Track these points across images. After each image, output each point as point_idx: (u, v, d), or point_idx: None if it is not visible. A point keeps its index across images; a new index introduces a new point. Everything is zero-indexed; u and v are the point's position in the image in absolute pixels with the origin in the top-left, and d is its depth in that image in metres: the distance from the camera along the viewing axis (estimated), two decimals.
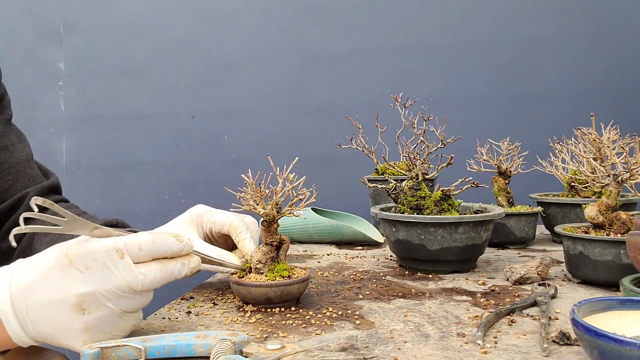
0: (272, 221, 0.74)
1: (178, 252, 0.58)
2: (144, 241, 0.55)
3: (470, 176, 0.94)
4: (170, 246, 0.57)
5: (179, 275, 0.58)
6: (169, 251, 0.57)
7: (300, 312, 0.70)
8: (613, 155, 0.82)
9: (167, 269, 0.56)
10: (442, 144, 0.96)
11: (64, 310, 0.52)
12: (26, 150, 0.96)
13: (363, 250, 1.17)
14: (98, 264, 0.53)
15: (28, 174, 0.94)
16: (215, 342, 0.53)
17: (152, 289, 0.56)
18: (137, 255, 0.54)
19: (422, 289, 0.82)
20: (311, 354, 0.54)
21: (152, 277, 0.55)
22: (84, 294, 0.52)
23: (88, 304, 0.52)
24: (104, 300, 0.53)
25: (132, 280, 0.53)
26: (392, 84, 1.81)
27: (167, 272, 0.56)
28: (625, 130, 0.97)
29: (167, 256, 0.57)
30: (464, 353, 0.55)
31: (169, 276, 0.57)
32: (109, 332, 0.54)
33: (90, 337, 0.53)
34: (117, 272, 0.53)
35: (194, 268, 0.60)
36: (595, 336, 0.43)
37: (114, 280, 0.53)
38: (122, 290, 0.53)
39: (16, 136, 0.96)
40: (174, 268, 0.57)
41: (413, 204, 0.94)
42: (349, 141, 1.23)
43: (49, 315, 0.52)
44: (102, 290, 0.52)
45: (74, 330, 0.52)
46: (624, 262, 0.76)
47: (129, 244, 0.54)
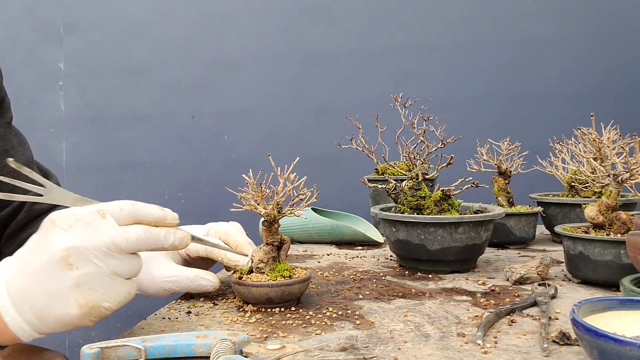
0: (273, 221, 0.74)
1: (161, 218, 0.58)
2: (124, 203, 0.56)
3: (470, 176, 0.94)
4: (152, 211, 0.57)
5: (165, 241, 0.57)
6: (151, 215, 0.57)
7: (300, 312, 0.70)
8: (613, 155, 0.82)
9: (151, 230, 0.56)
10: (442, 144, 0.96)
11: (51, 269, 0.51)
12: (26, 154, 0.96)
13: (363, 250, 1.17)
14: (81, 222, 0.53)
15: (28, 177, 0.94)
16: (215, 342, 0.53)
17: (138, 249, 0.55)
18: (117, 215, 0.55)
19: (422, 289, 0.82)
20: (311, 354, 0.54)
21: (136, 235, 0.54)
22: (68, 248, 0.51)
23: (74, 258, 0.51)
24: (91, 256, 0.52)
25: (116, 236, 0.53)
26: (392, 84, 1.81)
27: (151, 233, 0.56)
28: (625, 130, 0.97)
29: (151, 223, 0.57)
30: (464, 353, 0.55)
31: (154, 238, 0.56)
32: (102, 293, 0.53)
33: (82, 295, 0.52)
34: (101, 229, 0.53)
35: (183, 238, 0.59)
36: (595, 336, 0.43)
37: (97, 237, 0.53)
38: (107, 247, 0.53)
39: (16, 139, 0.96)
40: (159, 232, 0.57)
41: (413, 204, 0.94)
42: (349, 141, 1.23)
43: (39, 280, 0.52)
44: (87, 245, 0.52)
45: (64, 289, 0.51)
46: (624, 262, 0.76)
47: (109, 206, 0.55)
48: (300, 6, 1.88)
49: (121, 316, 1.92)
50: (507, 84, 1.78)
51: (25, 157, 0.95)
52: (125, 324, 1.92)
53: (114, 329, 1.93)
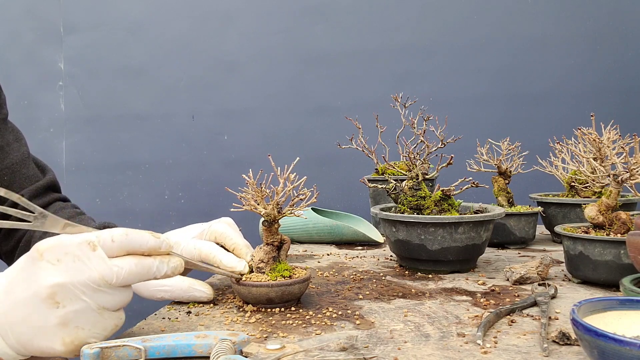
0: (273, 221, 0.74)
1: (155, 248, 0.56)
2: (117, 234, 0.53)
3: (470, 176, 0.94)
4: (145, 240, 0.55)
5: (158, 272, 0.56)
6: (144, 246, 0.55)
7: (300, 312, 0.70)
8: (613, 155, 0.82)
9: (143, 263, 0.54)
10: (442, 144, 0.96)
11: (37, 305, 0.50)
12: (22, 150, 0.95)
13: (363, 250, 1.17)
14: (70, 256, 0.51)
15: (24, 174, 0.93)
16: (215, 342, 0.53)
17: (128, 283, 0.54)
18: (109, 247, 0.52)
19: (422, 289, 0.82)
20: (311, 354, 0.54)
21: (127, 270, 0.52)
22: (55, 285, 0.50)
23: (61, 296, 0.50)
24: (78, 293, 0.50)
25: (106, 272, 0.51)
26: (392, 84, 1.82)
27: (143, 266, 0.54)
28: (625, 130, 0.97)
29: (144, 252, 0.55)
30: (464, 353, 0.55)
31: (146, 271, 0.54)
32: (89, 330, 0.51)
33: (68, 333, 0.50)
34: (90, 264, 0.51)
35: (175, 268, 0.58)
36: (595, 336, 0.43)
37: (86, 272, 0.51)
38: (97, 283, 0.51)
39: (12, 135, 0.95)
40: (152, 264, 0.55)
41: (413, 204, 0.94)
42: (349, 141, 1.23)
43: (24, 314, 0.50)
44: (75, 282, 0.50)
45: (49, 327, 0.50)
46: (624, 262, 0.76)
47: (100, 236, 0.53)
48: (300, 6, 1.88)
49: None
50: (507, 84, 1.78)
51: (21, 153, 0.94)
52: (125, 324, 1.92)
53: None
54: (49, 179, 0.96)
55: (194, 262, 0.66)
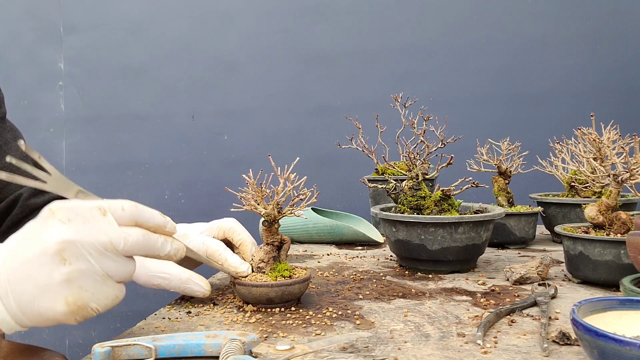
0: (274, 221, 0.74)
1: (161, 225, 0.56)
2: (128, 204, 0.54)
3: (470, 176, 0.94)
4: (153, 215, 0.56)
5: (162, 249, 0.56)
6: (152, 220, 0.55)
7: (300, 312, 0.70)
8: (613, 155, 0.82)
9: (149, 236, 0.55)
10: (442, 144, 0.96)
11: (44, 260, 0.50)
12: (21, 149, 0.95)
13: (363, 250, 1.17)
14: (80, 217, 0.51)
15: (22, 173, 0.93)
16: (225, 342, 0.53)
17: (134, 253, 0.54)
18: (119, 215, 0.53)
19: (422, 289, 0.82)
20: (320, 354, 0.54)
21: (135, 238, 0.53)
22: (64, 242, 0.50)
23: (69, 253, 0.50)
24: (85, 253, 0.51)
25: (115, 236, 0.52)
26: (392, 84, 1.81)
27: (149, 239, 0.55)
28: (625, 130, 0.97)
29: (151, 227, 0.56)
30: (464, 353, 0.55)
31: (152, 245, 0.55)
32: (92, 293, 0.51)
33: (71, 292, 0.50)
34: (100, 227, 0.52)
35: (178, 249, 0.58)
36: (595, 336, 0.43)
37: (95, 234, 0.51)
38: (104, 247, 0.51)
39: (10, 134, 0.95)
40: (157, 239, 0.55)
41: (413, 204, 0.94)
42: (349, 141, 1.23)
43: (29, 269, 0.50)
44: (84, 242, 0.51)
45: (53, 284, 0.50)
46: (624, 262, 0.76)
47: (112, 203, 0.54)
48: (300, 6, 1.88)
49: (121, 316, 1.92)
50: (507, 84, 1.78)
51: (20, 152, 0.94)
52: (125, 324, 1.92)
53: (114, 328, 1.93)
54: None
55: (197, 253, 0.66)
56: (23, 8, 2.03)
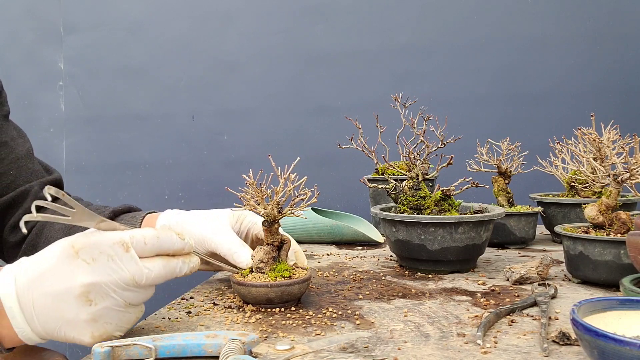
0: (274, 221, 0.74)
1: (180, 250, 0.59)
2: (149, 236, 0.56)
3: (470, 176, 0.94)
4: (174, 243, 0.58)
5: (179, 272, 0.59)
6: (172, 248, 0.58)
7: (300, 312, 0.70)
8: (613, 155, 0.82)
9: (170, 265, 0.58)
10: (442, 144, 0.96)
11: (70, 301, 0.52)
12: (26, 145, 0.96)
13: (363, 250, 1.17)
14: (104, 255, 0.53)
15: (30, 169, 0.95)
16: (225, 342, 0.53)
17: (155, 284, 0.57)
18: (142, 249, 0.56)
19: (422, 289, 0.82)
20: (320, 354, 0.54)
21: (157, 273, 0.56)
22: (90, 284, 0.52)
23: (94, 294, 0.53)
24: (110, 291, 0.53)
25: (137, 273, 0.54)
26: (392, 84, 1.81)
27: (169, 268, 0.57)
28: (625, 130, 0.97)
29: (170, 253, 0.58)
30: (464, 353, 0.55)
31: (171, 273, 0.58)
32: (116, 324, 0.55)
33: (97, 328, 0.53)
34: (123, 264, 0.54)
35: (194, 267, 0.61)
36: (595, 336, 0.43)
37: (119, 272, 0.54)
38: (127, 283, 0.54)
39: (15, 131, 0.96)
40: (176, 265, 0.58)
41: (413, 204, 0.94)
42: (349, 141, 1.23)
43: (55, 307, 0.52)
44: (108, 282, 0.53)
45: (80, 321, 0.53)
46: (624, 262, 0.76)
47: (134, 237, 0.56)
48: (300, 6, 1.88)
49: None
50: (507, 84, 1.78)
51: (26, 149, 0.95)
52: None
53: None
54: (56, 176, 0.99)
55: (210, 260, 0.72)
56: (23, 8, 2.02)
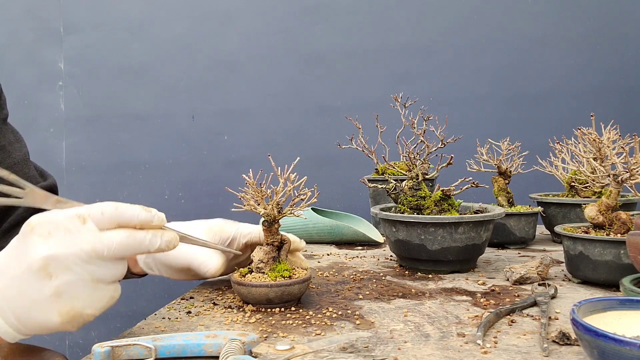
0: (273, 221, 0.74)
1: (146, 221, 0.55)
2: (107, 206, 0.53)
3: (470, 176, 0.94)
4: (136, 213, 0.54)
5: (151, 245, 0.55)
6: (135, 219, 0.54)
7: (300, 312, 0.70)
8: (613, 155, 0.82)
9: (134, 236, 0.54)
10: (442, 144, 0.96)
11: (30, 277, 0.50)
12: (23, 150, 0.95)
13: (363, 250, 1.17)
14: (60, 229, 0.51)
15: (26, 174, 0.94)
16: (225, 342, 0.53)
17: (120, 256, 0.53)
18: (99, 220, 0.53)
19: (422, 289, 0.82)
20: (320, 354, 0.54)
21: (118, 241, 0.52)
22: (47, 257, 0.50)
23: (53, 267, 0.50)
24: (70, 264, 0.51)
25: (97, 243, 0.51)
26: (392, 84, 1.81)
27: (134, 239, 0.54)
28: (625, 130, 0.97)
29: (136, 226, 0.55)
30: (464, 353, 0.55)
31: (138, 244, 0.54)
32: (84, 300, 0.52)
33: (63, 304, 0.51)
34: (81, 236, 0.51)
35: (170, 241, 0.57)
36: (595, 336, 0.43)
37: (78, 243, 0.51)
38: (88, 255, 0.51)
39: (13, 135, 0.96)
40: (144, 237, 0.54)
41: (413, 204, 0.94)
42: (349, 141, 1.23)
43: (19, 287, 0.51)
44: (67, 254, 0.51)
45: (44, 298, 0.50)
46: (624, 262, 0.76)
47: (91, 209, 0.53)
48: (300, 6, 1.88)
49: (121, 316, 1.92)
50: (507, 84, 1.78)
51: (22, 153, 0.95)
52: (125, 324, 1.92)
53: (114, 328, 1.93)
54: (50, 182, 0.98)
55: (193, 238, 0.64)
56: (23, 8, 2.03)
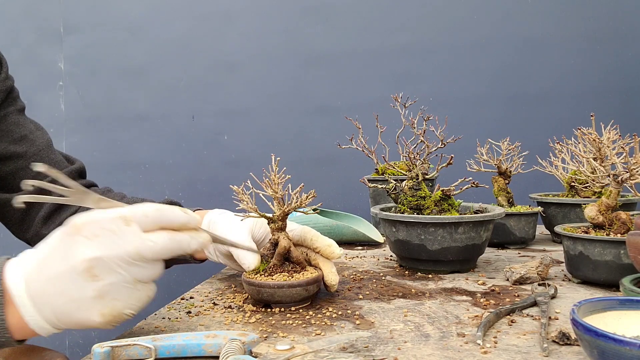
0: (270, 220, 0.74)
1: (185, 223, 0.56)
2: (150, 209, 0.54)
3: (470, 176, 0.94)
4: (177, 216, 0.56)
5: (188, 247, 0.56)
6: (176, 221, 0.56)
7: (300, 312, 0.70)
8: (613, 155, 0.82)
9: (176, 238, 0.55)
10: (442, 144, 0.96)
11: (74, 278, 0.51)
12: (46, 137, 0.98)
13: (363, 250, 1.17)
14: (106, 231, 0.52)
15: (52, 159, 0.96)
16: (225, 342, 0.53)
17: (162, 257, 0.54)
18: (143, 223, 0.53)
19: (422, 289, 0.82)
20: (320, 354, 0.54)
21: (162, 245, 0.53)
22: (93, 259, 0.51)
23: (98, 269, 0.51)
24: (114, 266, 0.51)
25: (141, 246, 0.52)
26: (392, 84, 1.81)
27: (176, 241, 0.55)
28: (625, 130, 0.97)
29: (175, 227, 0.56)
30: (464, 353, 0.55)
31: (178, 246, 0.55)
32: (125, 301, 0.53)
33: (105, 305, 0.52)
34: (126, 238, 0.52)
35: (204, 243, 0.58)
36: (595, 336, 0.43)
37: (122, 246, 0.52)
38: (132, 257, 0.52)
39: (33, 125, 0.99)
40: (183, 239, 0.55)
41: (413, 204, 0.94)
42: (349, 141, 1.23)
43: (62, 288, 0.51)
44: (112, 256, 0.51)
45: (86, 299, 0.51)
46: (624, 262, 0.76)
47: (135, 211, 0.54)
48: (300, 6, 1.88)
49: None
50: (507, 84, 1.78)
51: (45, 140, 0.97)
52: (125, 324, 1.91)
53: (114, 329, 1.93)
54: (79, 165, 1.00)
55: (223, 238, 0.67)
56: (23, 8, 2.03)
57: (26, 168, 0.92)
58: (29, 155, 0.93)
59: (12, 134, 0.93)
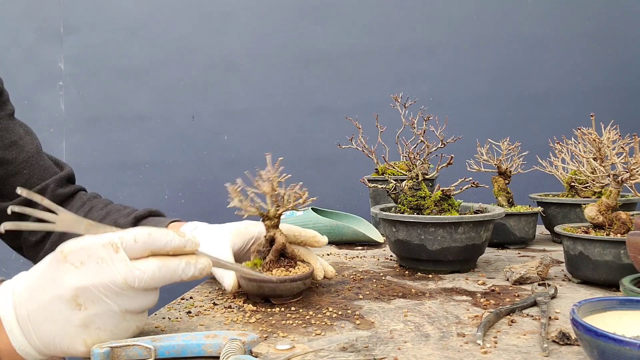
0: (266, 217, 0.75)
1: (179, 247, 0.54)
2: (140, 234, 0.52)
3: (470, 176, 0.94)
4: (169, 240, 0.53)
5: (184, 274, 0.54)
6: (169, 245, 0.53)
7: (300, 312, 0.70)
8: (613, 155, 0.82)
9: (167, 265, 0.53)
10: (442, 144, 0.96)
11: (60, 306, 0.50)
12: (35, 142, 0.97)
13: (363, 250, 1.17)
14: (93, 258, 0.51)
15: (41, 166, 0.95)
16: (225, 342, 0.53)
17: (152, 287, 0.53)
18: (132, 248, 0.52)
19: (422, 289, 0.82)
20: (320, 354, 0.54)
21: (150, 274, 0.51)
22: (78, 288, 0.50)
23: (84, 298, 0.50)
24: (101, 295, 0.50)
25: (128, 275, 0.50)
26: (392, 84, 1.82)
27: (167, 269, 0.53)
28: (625, 130, 0.97)
29: (169, 252, 0.54)
30: (464, 353, 0.55)
31: (170, 274, 0.53)
32: (110, 331, 0.52)
33: (89, 335, 0.51)
34: (113, 266, 0.50)
35: (203, 269, 0.55)
36: (595, 336, 0.43)
37: (109, 274, 0.50)
38: (119, 286, 0.50)
39: (22, 129, 0.97)
40: (177, 266, 0.53)
41: (413, 204, 0.94)
42: (349, 141, 1.23)
43: (47, 315, 0.51)
44: (98, 285, 0.50)
45: (71, 327, 0.50)
46: (624, 262, 0.76)
47: (124, 237, 0.52)
48: (300, 6, 1.88)
49: None
50: (507, 84, 1.78)
51: (35, 146, 0.96)
52: None
53: None
54: (68, 171, 0.99)
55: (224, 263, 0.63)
56: (23, 8, 2.02)
57: (16, 175, 0.91)
58: (19, 162, 0.92)
59: (1, 139, 0.91)
